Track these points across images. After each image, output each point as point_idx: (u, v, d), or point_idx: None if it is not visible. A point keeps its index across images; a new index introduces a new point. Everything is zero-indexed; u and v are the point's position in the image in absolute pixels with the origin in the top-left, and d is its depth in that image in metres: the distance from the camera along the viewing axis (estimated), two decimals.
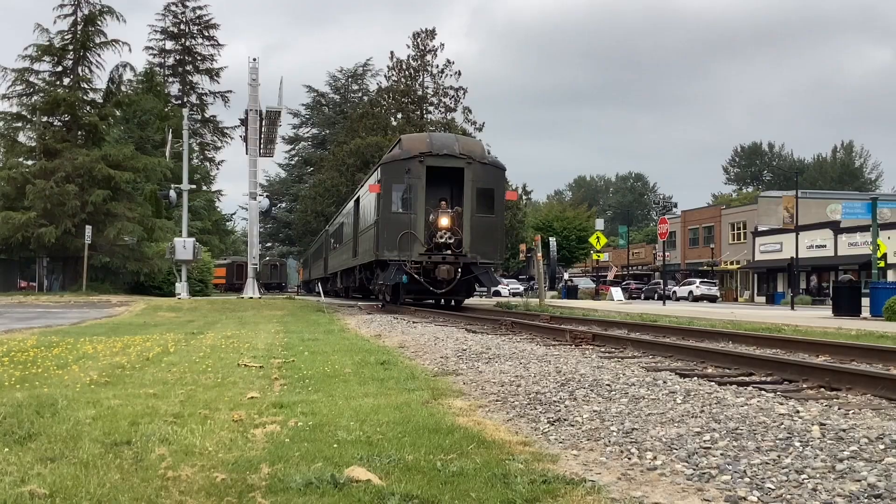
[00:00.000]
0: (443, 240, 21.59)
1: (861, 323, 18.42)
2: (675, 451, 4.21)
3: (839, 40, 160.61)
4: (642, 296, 58.75)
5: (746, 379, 6.91)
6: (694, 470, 3.92)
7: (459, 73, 65.38)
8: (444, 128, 57.55)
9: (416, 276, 21.47)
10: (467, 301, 40.00)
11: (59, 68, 41.36)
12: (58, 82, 41.25)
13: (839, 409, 5.26)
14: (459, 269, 21.74)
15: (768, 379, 6.87)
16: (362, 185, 28.50)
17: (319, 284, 49.31)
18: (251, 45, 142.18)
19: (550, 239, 56.14)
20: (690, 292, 60.55)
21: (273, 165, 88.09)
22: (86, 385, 6.59)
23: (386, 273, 21.96)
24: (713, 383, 6.38)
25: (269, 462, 3.95)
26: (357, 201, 29.38)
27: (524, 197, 70.78)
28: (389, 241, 21.57)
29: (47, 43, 40.60)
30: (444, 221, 21.65)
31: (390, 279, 21.69)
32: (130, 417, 5.07)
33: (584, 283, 59.62)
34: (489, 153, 25.61)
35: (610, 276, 67.73)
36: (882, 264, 28.48)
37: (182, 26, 73.42)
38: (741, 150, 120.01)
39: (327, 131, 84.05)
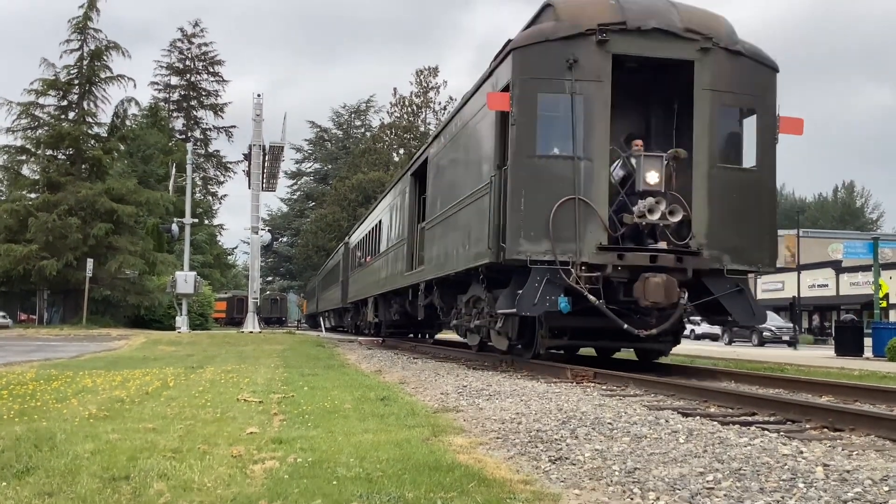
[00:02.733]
0: (654, 217, 10.89)
1: (863, 363, 18.35)
2: (678, 491, 4.17)
3: (841, 80, 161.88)
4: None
5: (749, 419, 6.86)
6: None
7: None
8: None
9: (589, 294, 10.60)
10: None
11: (65, 102, 41.69)
12: (63, 116, 41.56)
13: (843, 449, 5.22)
14: (684, 284, 10.92)
15: (771, 419, 6.83)
16: (438, 134, 16.30)
17: (327, 318, 45.93)
18: (259, 80, 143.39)
19: None
20: (692, 330, 60.31)
21: (275, 200, 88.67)
22: (84, 419, 6.56)
23: (521, 292, 10.67)
24: (716, 423, 6.34)
25: (268, 499, 3.91)
26: (420, 171, 17.81)
27: None
28: (530, 220, 10.72)
29: (53, 77, 40.98)
30: (652, 177, 11.06)
31: (530, 304, 10.55)
32: (129, 452, 5.04)
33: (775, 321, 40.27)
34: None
35: None
36: (884, 304, 28.43)
37: (187, 62, 74.31)
38: None
39: (329, 166, 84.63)
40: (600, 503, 4.10)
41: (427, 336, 27.83)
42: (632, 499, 4.13)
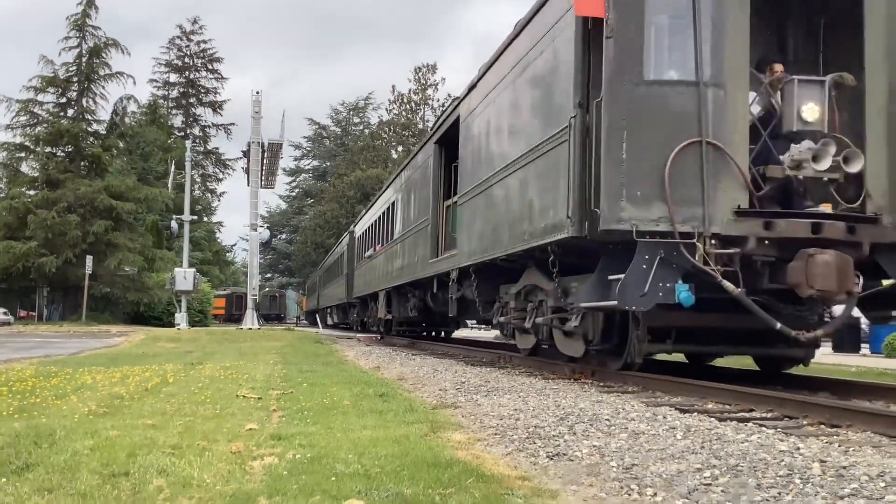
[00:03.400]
0: (821, 166, 7.72)
1: (861, 359, 18.36)
2: (675, 487, 4.19)
3: None
4: None
5: (747, 415, 6.87)
6: None
7: None
8: None
9: (724, 280, 7.46)
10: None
11: (64, 100, 41.78)
12: (62, 113, 41.63)
13: (839, 446, 5.24)
14: (858, 264, 7.68)
15: (769, 415, 6.84)
16: (476, 84, 12.88)
17: (330, 315, 45.06)
18: (257, 77, 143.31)
19: None
20: None
21: (274, 197, 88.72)
22: (84, 415, 6.56)
23: (623, 277, 7.51)
24: (713, 419, 6.35)
25: (267, 495, 3.92)
26: (448, 137, 14.88)
27: None
28: (636, 174, 7.66)
29: (52, 74, 41.04)
30: (811, 112, 7.98)
31: (636, 294, 7.47)
32: (128, 448, 5.05)
33: None
34: None
35: None
36: None
37: (186, 59, 74.44)
38: None
39: (328, 163, 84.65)
40: (598, 499, 4.11)
41: (443, 334, 25.58)
42: (629, 495, 4.15)
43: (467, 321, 24.45)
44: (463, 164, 13.62)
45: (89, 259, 35.53)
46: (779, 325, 7.70)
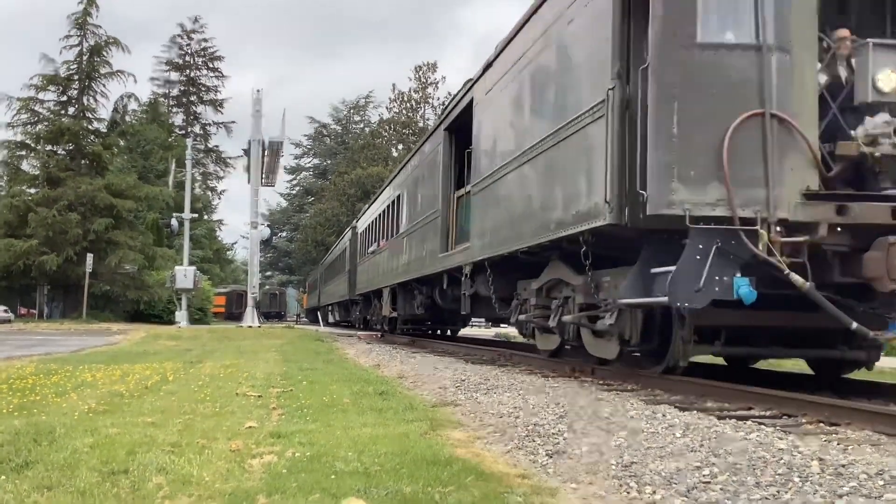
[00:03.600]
0: None
1: None
2: (674, 485, 4.19)
3: None
4: None
5: (746, 413, 6.87)
6: None
7: None
8: None
9: (793, 274, 6.53)
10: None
11: (64, 98, 41.77)
12: (62, 112, 41.63)
13: (838, 444, 5.24)
14: None
15: (768, 413, 6.83)
16: (493, 62, 11.88)
17: (331, 313, 44.63)
18: (258, 75, 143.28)
19: None
20: None
21: (274, 195, 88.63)
22: (84, 413, 6.58)
23: (674, 269, 6.71)
24: (712, 417, 6.35)
25: (267, 493, 3.93)
26: (460, 123, 14.10)
27: None
28: (688, 151, 6.69)
29: (53, 73, 41.05)
30: (889, 80, 6.91)
31: (690, 289, 6.60)
32: (128, 446, 5.06)
33: None
34: None
35: None
36: None
37: (187, 58, 74.48)
38: None
39: (328, 161, 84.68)
40: (597, 497, 4.12)
41: (449, 333, 24.86)
42: (628, 493, 4.15)
43: (472, 319, 23.87)
44: (477, 150, 12.66)
45: (90, 257, 35.55)
46: (855, 325, 6.83)
